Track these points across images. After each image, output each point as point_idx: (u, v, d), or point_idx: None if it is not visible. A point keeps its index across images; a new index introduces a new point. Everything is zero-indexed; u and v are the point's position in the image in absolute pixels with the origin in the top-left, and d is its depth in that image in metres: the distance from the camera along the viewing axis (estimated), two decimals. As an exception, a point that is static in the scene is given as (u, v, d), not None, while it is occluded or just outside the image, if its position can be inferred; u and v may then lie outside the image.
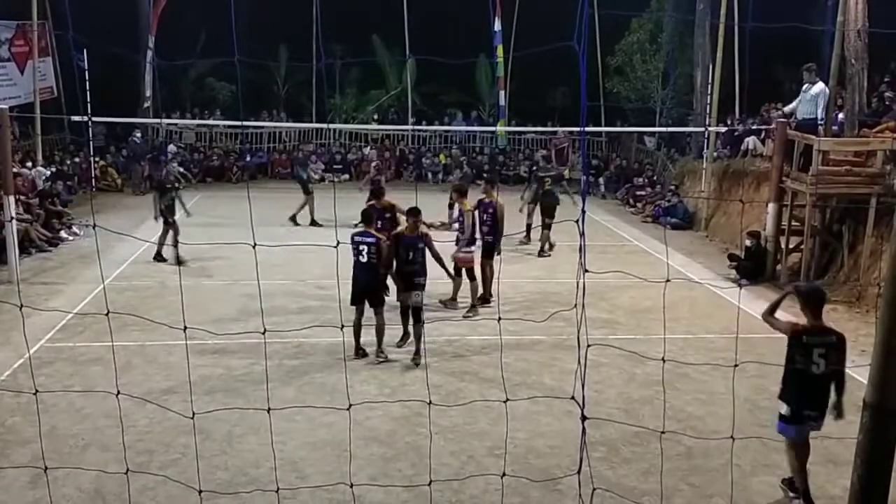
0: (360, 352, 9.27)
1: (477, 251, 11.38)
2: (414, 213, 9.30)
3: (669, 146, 22.76)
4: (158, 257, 13.68)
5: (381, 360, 9.17)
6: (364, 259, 9.01)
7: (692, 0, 20.88)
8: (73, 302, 11.21)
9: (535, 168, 18.00)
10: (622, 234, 17.33)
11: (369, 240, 9.07)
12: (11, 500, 6.19)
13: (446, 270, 9.91)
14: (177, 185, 14.02)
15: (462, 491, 6.39)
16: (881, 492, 2.47)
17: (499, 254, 11.40)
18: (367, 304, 9.25)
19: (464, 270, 11.22)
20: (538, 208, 15.21)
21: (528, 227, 15.66)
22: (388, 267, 9.21)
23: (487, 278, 11.49)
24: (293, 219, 16.88)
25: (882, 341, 2.42)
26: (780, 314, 6.46)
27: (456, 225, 11.52)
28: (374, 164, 19.19)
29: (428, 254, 9.36)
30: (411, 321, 9.37)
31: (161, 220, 13.50)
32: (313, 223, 17.00)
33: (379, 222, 10.30)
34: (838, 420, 6.06)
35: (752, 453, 7.07)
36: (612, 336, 10.20)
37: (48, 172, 17.70)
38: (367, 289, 9.16)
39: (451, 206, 12.96)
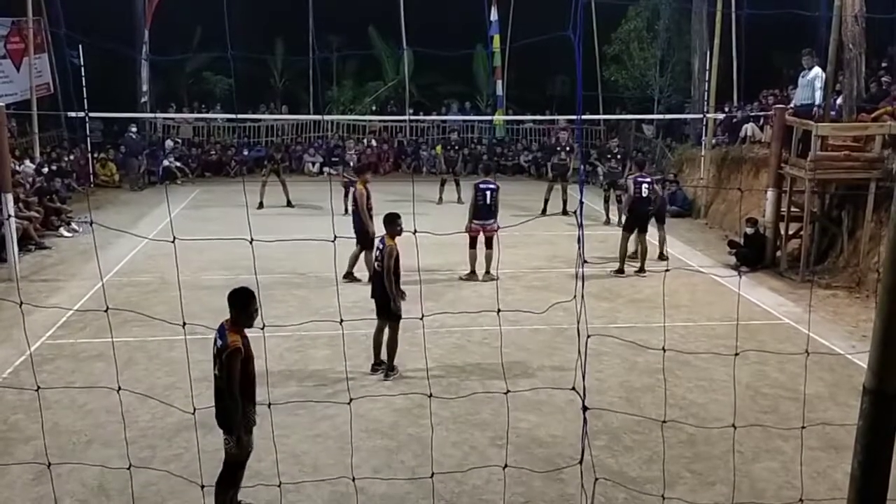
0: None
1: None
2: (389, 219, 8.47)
3: (668, 134, 22.72)
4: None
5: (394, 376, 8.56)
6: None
7: (688, -13, 20.82)
8: (74, 298, 11.21)
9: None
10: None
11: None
12: (16, 496, 6.21)
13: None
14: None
15: (465, 482, 6.40)
16: (881, 477, 2.48)
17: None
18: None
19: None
20: None
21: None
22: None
23: None
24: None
25: (881, 326, 2.42)
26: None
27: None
28: (353, 150, 19.03)
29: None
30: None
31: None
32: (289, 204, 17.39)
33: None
34: None
35: (754, 440, 7.08)
36: (612, 325, 10.21)
37: (32, 168, 17.58)
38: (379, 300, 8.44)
39: None
